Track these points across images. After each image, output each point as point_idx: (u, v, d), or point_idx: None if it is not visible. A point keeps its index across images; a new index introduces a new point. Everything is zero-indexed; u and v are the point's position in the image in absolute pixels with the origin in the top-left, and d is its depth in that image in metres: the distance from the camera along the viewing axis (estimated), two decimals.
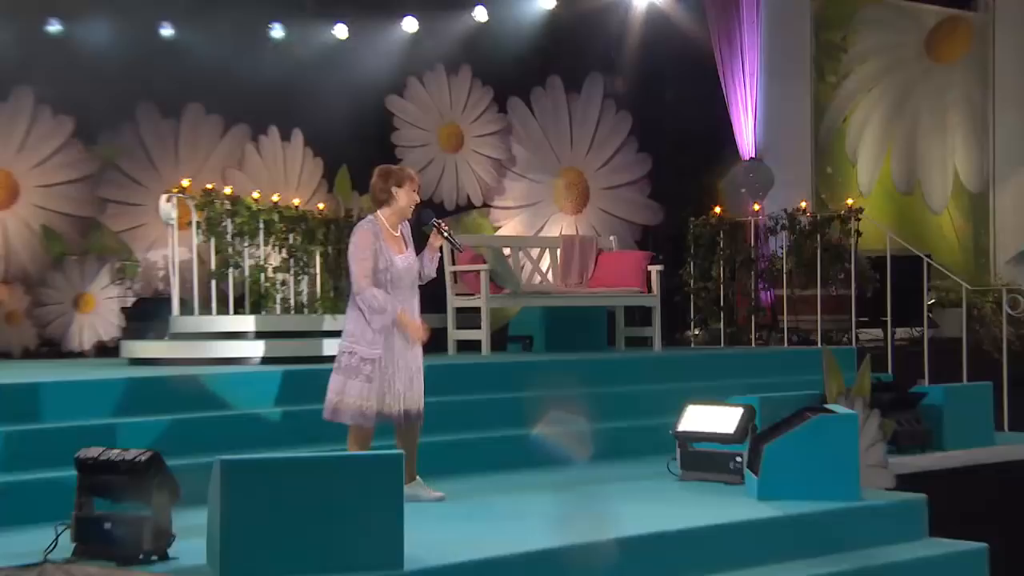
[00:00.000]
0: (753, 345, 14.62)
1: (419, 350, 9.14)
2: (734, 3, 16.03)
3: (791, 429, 9.08)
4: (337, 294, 14.19)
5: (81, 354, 15.24)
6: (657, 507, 8.55)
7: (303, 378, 10.75)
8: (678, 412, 9.94)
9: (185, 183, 13.49)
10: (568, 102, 16.52)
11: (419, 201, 9.17)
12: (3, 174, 15.06)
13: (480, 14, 16.67)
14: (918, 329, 14.49)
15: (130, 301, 14.69)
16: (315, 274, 14.20)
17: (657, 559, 7.35)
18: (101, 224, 15.75)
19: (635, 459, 10.39)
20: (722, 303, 14.79)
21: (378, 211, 8.78)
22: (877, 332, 14.56)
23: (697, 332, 15.18)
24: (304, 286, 14.06)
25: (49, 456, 8.52)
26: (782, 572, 7.76)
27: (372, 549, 6.47)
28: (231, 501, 6.45)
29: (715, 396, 10.58)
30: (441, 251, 9.66)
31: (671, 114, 16.54)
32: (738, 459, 9.38)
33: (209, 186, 13.18)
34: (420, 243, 9.25)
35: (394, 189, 8.65)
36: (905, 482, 10.08)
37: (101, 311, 15.54)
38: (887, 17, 17.98)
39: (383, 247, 8.50)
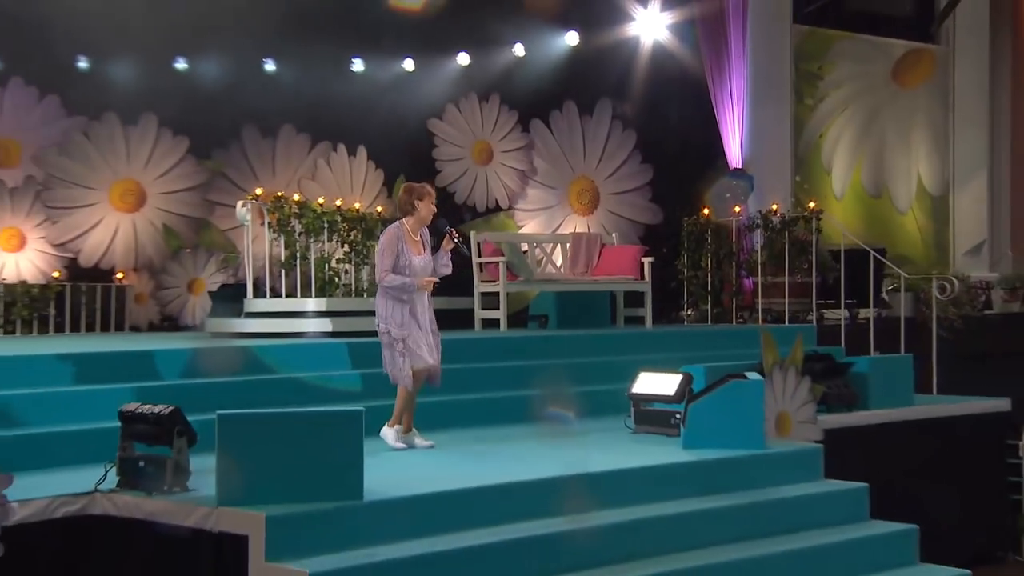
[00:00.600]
0: (734, 323, 14.77)
1: (432, 320, 9.68)
2: (724, 38, 15.76)
3: (711, 392, 9.57)
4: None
5: (193, 327, 15.52)
6: (604, 453, 9.06)
7: (359, 348, 11.36)
8: (631, 379, 10.49)
9: (259, 191, 14.14)
10: (581, 123, 16.37)
11: (436, 211, 9.75)
12: (134, 184, 15.53)
13: (519, 50, 16.85)
14: (876, 310, 14.59)
15: (216, 286, 14.90)
16: (373, 264, 14.24)
17: (594, 494, 7.78)
18: (210, 223, 16.17)
19: (613, 415, 10.62)
20: (709, 289, 15.00)
21: (403, 219, 9.38)
22: (844, 312, 14.36)
23: (689, 313, 15.28)
24: (364, 274, 14.45)
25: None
26: (697, 504, 8.24)
27: (337, 484, 7.07)
28: (225, 445, 7.03)
29: (690, 364, 10.76)
30: (454, 252, 9.89)
31: (670, 132, 16.34)
32: (677, 416, 9.71)
33: (279, 193, 13.62)
34: (437, 245, 9.82)
35: (416, 202, 9.28)
36: (832, 435, 10.46)
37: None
38: (858, 50, 17.72)
39: (404, 248, 9.10)
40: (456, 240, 9.66)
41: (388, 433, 9.26)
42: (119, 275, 15.20)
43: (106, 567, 7.53)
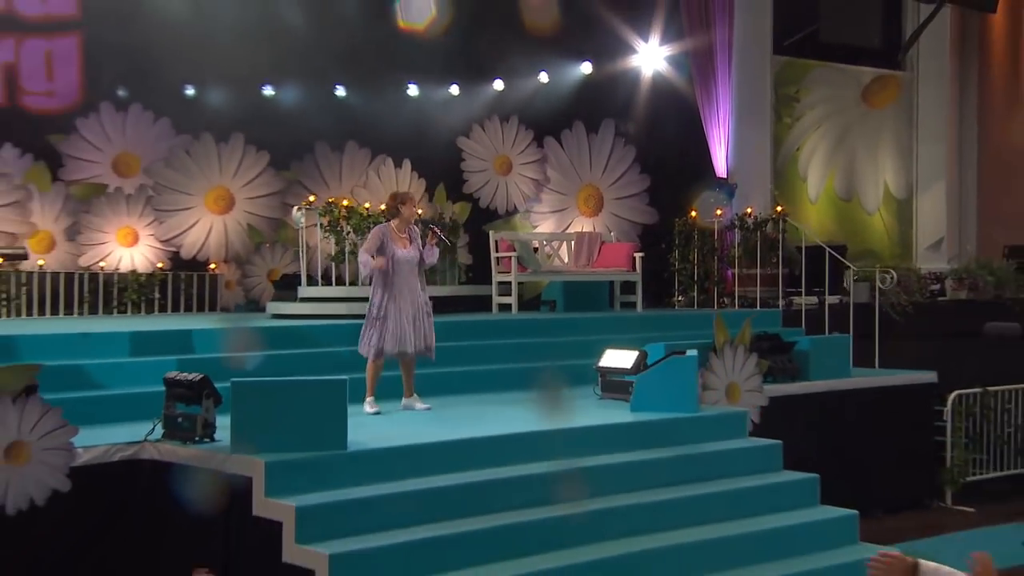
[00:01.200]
0: (715, 308, 14.63)
1: (424, 303, 9.99)
2: (712, 68, 15.72)
3: (655, 365, 9.94)
4: (433, 274, 14.41)
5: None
6: (570, 415, 9.28)
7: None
8: (598, 355, 10.88)
9: (312, 198, 14.82)
10: (588, 140, 16.46)
11: (419, 213, 10.65)
12: (224, 190, 15.82)
13: (543, 78, 17.04)
14: (838, 297, 14.65)
15: (279, 276, 15.49)
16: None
17: (553, 447, 8.16)
18: (286, 223, 16.02)
19: (592, 385, 10.95)
20: (696, 279, 15.18)
21: (390, 221, 9.90)
22: (808, 299, 14.36)
23: (680, 299, 15.40)
24: None
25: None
26: (640, 456, 8.67)
27: (324, 438, 7.66)
28: (237, 406, 7.66)
29: (673, 342, 11.11)
30: (438, 245, 10.33)
31: (665, 147, 16.39)
32: (632, 385, 10.14)
33: (331, 199, 14.13)
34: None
35: (399, 206, 9.80)
36: (776, 402, 10.88)
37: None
38: (831, 76, 17.68)
39: (388, 243, 9.46)
40: (439, 235, 10.16)
41: (366, 403, 9.72)
42: (212, 266, 15.65)
43: (150, 502, 8.01)
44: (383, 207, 14.06)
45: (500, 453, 8.41)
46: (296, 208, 14.19)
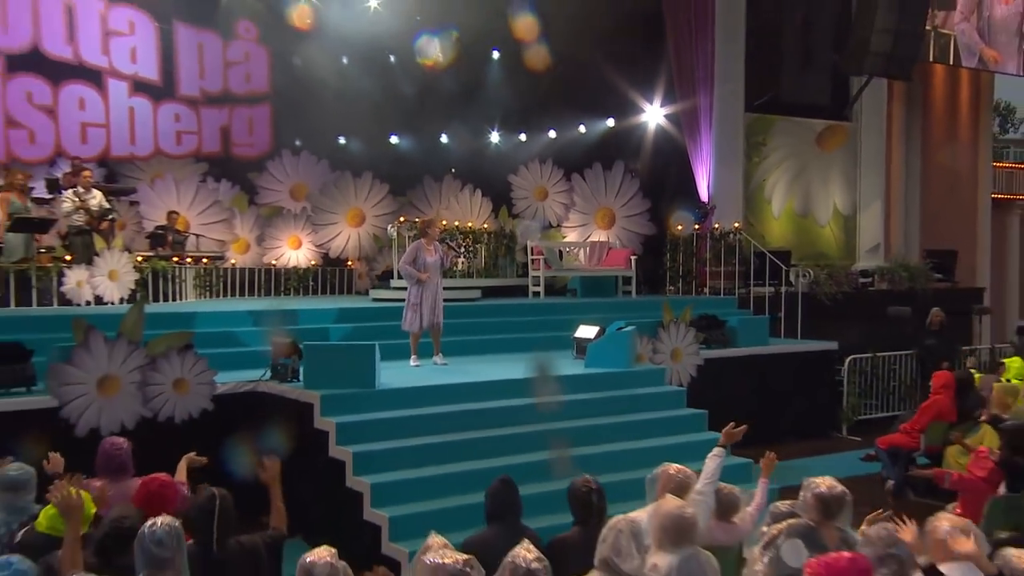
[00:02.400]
0: (693, 294, 14.73)
1: (441, 292, 10.53)
2: (698, 122, 15.18)
3: (603, 335, 10.53)
4: (496, 269, 15.72)
5: None
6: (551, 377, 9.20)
7: (463, 309, 12.35)
8: (574, 327, 11.25)
9: (401, 219, 14.69)
10: (604, 175, 16.11)
11: (440, 232, 10.75)
12: (359, 210, 16.03)
13: (582, 128, 17.04)
14: (780, 288, 14.36)
15: (380, 271, 15.54)
16: (482, 258, 15.42)
17: (526, 390, 8.64)
18: (401, 234, 15.51)
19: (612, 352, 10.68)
20: (681, 274, 15.08)
21: (421, 238, 10.39)
22: (767, 290, 14.23)
23: (671, 288, 15.11)
24: (474, 264, 15.16)
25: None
26: (585, 396, 9.20)
27: (361, 380, 8.46)
28: (307, 360, 8.53)
29: (644, 321, 11.43)
30: (453, 254, 11.06)
31: (662, 179, 16.16)
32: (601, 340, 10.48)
33: (416, 219, 13.52)
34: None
35: (427, 230, 10.39)
36: (712, 363, 11.55)
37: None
38: (790, 127, 17.31)
39: (420, 254, 10.05)
40: (454, 249, 10.83)
41: (412, 360, 10.25)
42: (350, 263, 16.00)
43: (260, 418, 8.63)
44: (443, 223, 14.14)
45: (486, 392, 9.07)
46: (390, 225, 14.58)
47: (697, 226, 14.98)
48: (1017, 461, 6.54)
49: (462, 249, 12.71)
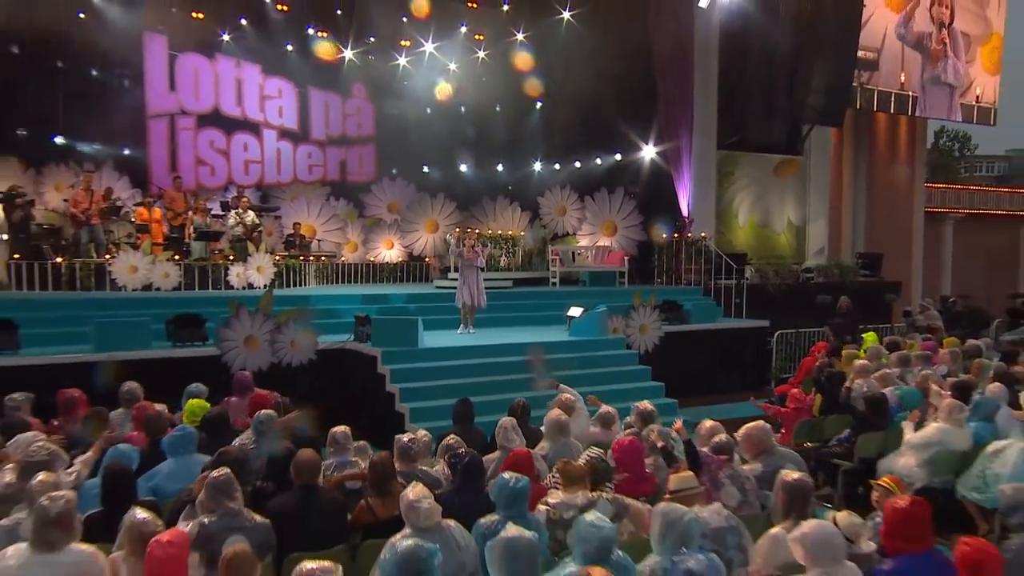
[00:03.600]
0: (673, 285, 14.64)
1: (480, 278, 10.61)
2: (679, 157, 15.12)
3: (585, 313, 10.85)
4: (532, 265, 15.44)
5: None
6: (545, 335, 10.51)
7: (499, 294, 12.57)
8: (566, 308, 11.39)
9: (457, 229, 14.36)
10: (609, 198, 16.16)
11: (474, 244, 10.72)
12: (434, 221, 16.22)
13: (598, 160, 16.58)
14: (738, 281, 14.07)
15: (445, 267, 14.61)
16: (519, 256, 15.25)
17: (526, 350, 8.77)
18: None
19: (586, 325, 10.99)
20: (665, 270, 15.08)
21: (463, 246, 10.69)
22: (726, 282, 13.95)
23: (659, 281, 14.91)
24: (506, 259, 14.79)
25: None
26: (571, 355, 9.64)
27: (408, 341, 9.13)
28: (376, 328, 9.10)
29: (621, 304, 11.39)
30: (481, 249, 10.89)
31: (652, 199, 15.82)
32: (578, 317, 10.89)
33: (468, 228, 13.99)
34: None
35: (465, 240, 10.83)
36: (671, 335, 11.48)
37: None
38: (754, 160, 16.87)
39: (463, 256, 10.49)
40: (479, 260, 10.63)
41: (460, 328, 10.58)
42: (426, 259, 16.00)
43: (348, 369, 9.35)
44: (490, 233, 14.77)
45: (497, 351, 9.70)
46: (448, 234, 14.63)
47: (676, 235, 14.89)
48: (832, 392, 7.33)
49: (487, 248, 12.92)
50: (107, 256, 11.07)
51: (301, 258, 13.52)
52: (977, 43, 18.68)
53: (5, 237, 11.22)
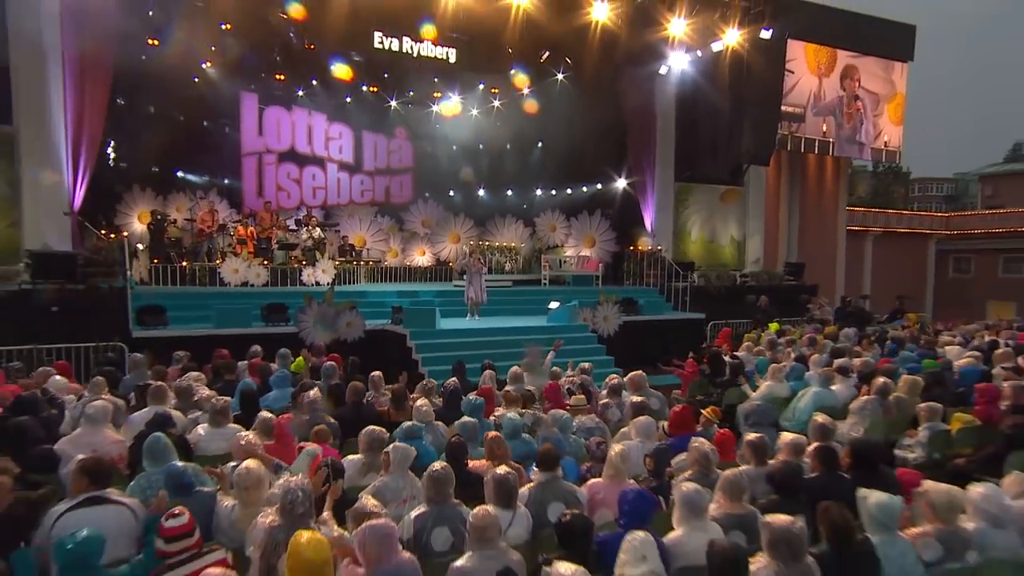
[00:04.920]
0: (638, 286, 15.05)
1: (482, 281, 11.20)
2: (645, 187, 15.91)
3: (560, 306, 11.75)
4: (524, 268, 15.81)
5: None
6: (531, 322, 11.40)
7: (500, 291, 13.24)
8: (546, 304, 12.12)
9: (471, 242, 14.99)
10: (589, 219, 16.66)
11: (478, 257, 11.48)
12: (457, 234, 16.58)
13: (584, 189, 16.82)
14: (692, 282, 14.56)
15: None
16: (515, 261, 15.76)
17: (517, 333, 10.20)
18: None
19: (561, 315, 11.74)
20: (632, 274, 15.56)
21: (470, 256, 11.51)
22: (680, 284, 14.16)
23: (628, 283, 15.36)
24: (509, 264, 15.54)
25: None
26: (544, 336, 9.85)
27: (429, 325, 10.07)
28: (406, 315, 9.91)
29: (590, 300, 11.75)
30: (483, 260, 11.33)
31: (623, 221, 16.32)
32: (555, 309, 11.83)
33: (478, 241, 14.66)
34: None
35: (474, 252, 11.67)
36: (628, 324, 11.86)
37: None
38: (703, 190, 17.36)
39: (471, 268, 11.36)
40: (482, 268, 11.35)
41: (467, 316, 11.25)
42: (450, 264, 16.09)
43: (387, 343, 9.81)
44: (498, 244, 15.23)
45: (495, 332, 10.61)
46: (467, 248, 14.70)
47: (640, 247, 15.81)
48: (714, 362, 8.44)
49: (493, 257, 13.77)
50: (217, 261, 12.43)
51: (354, 263, 14.41)
52: (884, 101, 19.59)
53: (141, 247, 12.53)
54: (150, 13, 11.17)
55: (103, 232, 11.30)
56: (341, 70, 14.92)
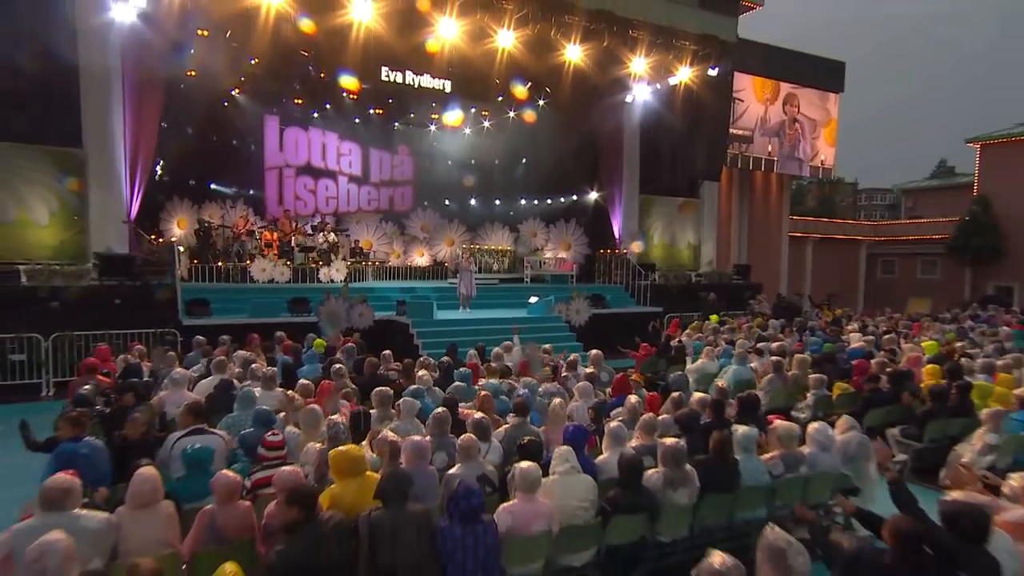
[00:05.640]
0: (608, 284, 15.39)
1: (472, 278, 11.49)
2: (613, 198, 16.19)
3: (540, 300, 12.21)
4: (515, 269, 16.07)
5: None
6: (513, 311, 11.89)
7: (488, 287, 13.52)
8: (527, 298, 12.63)
9: (464, 244, 15.31)
10: (565, 226, 17.09)
11: (468, 257, 11.89)
12: (452, 238, 16.74)
13: (562, 199, 17.00)
14: (653, 280, 14.73)
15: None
16: (505, 263, 15.97)
17: (502, 322, 10.78)
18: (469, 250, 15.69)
19: (539, 308, 12.26)
20: (602, 273, 15.93)
21: (463, 257, 11.87)
22: (643, 283, 14.46)
23: (599, 280, 15.64)
24: (497, 264, 15.87)
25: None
26: (526, 326, 10.52)
27: (426, 314, 10.56)
28: (409, 307, 10.39)
29: (563, 295, 12.25)
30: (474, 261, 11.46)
31: (595, 228, 16.64)
32: (534, 303, 12.35)
33: (473, 246, 14.85)
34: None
35: (465, 255, 11.96)
36: (597, 316, 12.34)
37: None
38: (664, 202, 17.61)
39: (461, 265, 11.85)
40: (472, 267, 11.70)
41: (459, 309, 11.65)
42: (446, 264, 16.45)
43: (392, 330, 10.47)
44: (488, 247, 15.53)
45: (481, 322, 11.13)
46: (460, 250, 15.19)
47: (608, 251, 16.33)
48: (662, 344, 9.45)
49: (481, 258, 14.24)
50: (247, 261, 13.14)
51: (363, 263, 15.12)
52: (821, 125, 20.48)
53: (182, 248, 12.72)
54: (192, 51, 11.85)
55: (152, 237, 12.00)
56: (349, 82, 14.77)
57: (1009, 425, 5.48)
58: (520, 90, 14.65)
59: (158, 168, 12.86)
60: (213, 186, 15.22)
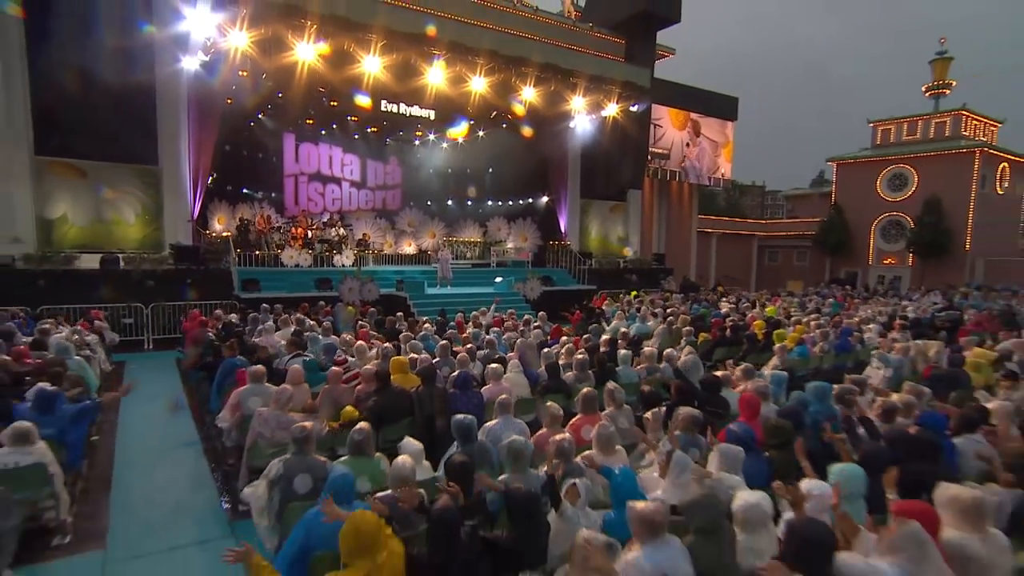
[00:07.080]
0: (556, 267, 15.97)
1: (449, 263, 12.20)
2: (559, 201, 16.73)
3: (503, 279, 13.19)
4: (484, 256, 16.75)
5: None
6: (483, 288, 12.67)
7: (462, 270, 14.42)
8: (493, 278, 13.63)
9: (445, 238, 16.53)
10: (523, 223, 17.71)
11: (445, 247, 12.62)
12: (434, 232, 17.52)
13: (522, 201, 17.68)
14: (587, 266, 15.30)
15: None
16: (474, 251, 17.01)
17: (475, 297, 11.77)
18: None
19: (503, 286, 13.26)
20: (552, 260, 16.36)
21: (442, 249, 12.65)
22: (582, 268, 14.99)
23: (549, 265, 15.83)
24: (469, 253, 16.70)
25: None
26: (489, 299, 11.71)
27: (419, 290, 11.60)
28: (406, 285, 11.29)
29: (523, 276, 13.19)
30: (451, 252, 11.98)
31: (546, 225, 17.42)
32: (499, 282, 13.58)
33: (450, 239, 16.09)
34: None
35: (443, 248, 12.39)
36: (547, 293, 13.14)
37: None
38: (599, 204, 18.12)
39: (439, 253, 12.73)
40: (448, 254, 12.25)
41: (436, 286, 12.53)
42: (429, 252, 16.84)
43: (394, 302, 11.25)
44: (463, 239, 16.48)
45: (459, 296, 12.14)
46: (438, 239, 16.66)
47: (556, 243, 17.29)
48: (588, 311, 11.25)
49: (454, 248, 15.15)
50: (278, 250, 14.26)
51: (366, 252, 15.99)
52: (721, 146, 22.30)
53: (226, 233, 14.11)
54: (233, 87, 13.03)
55: (207, 232, 13.22)
56: (353, 118, 15.97)
57: (792, 356, 7.62)
58: (488, 117, 15.75)
59: (211, 178, 13.82)
60: (244, 190, 16.37)
